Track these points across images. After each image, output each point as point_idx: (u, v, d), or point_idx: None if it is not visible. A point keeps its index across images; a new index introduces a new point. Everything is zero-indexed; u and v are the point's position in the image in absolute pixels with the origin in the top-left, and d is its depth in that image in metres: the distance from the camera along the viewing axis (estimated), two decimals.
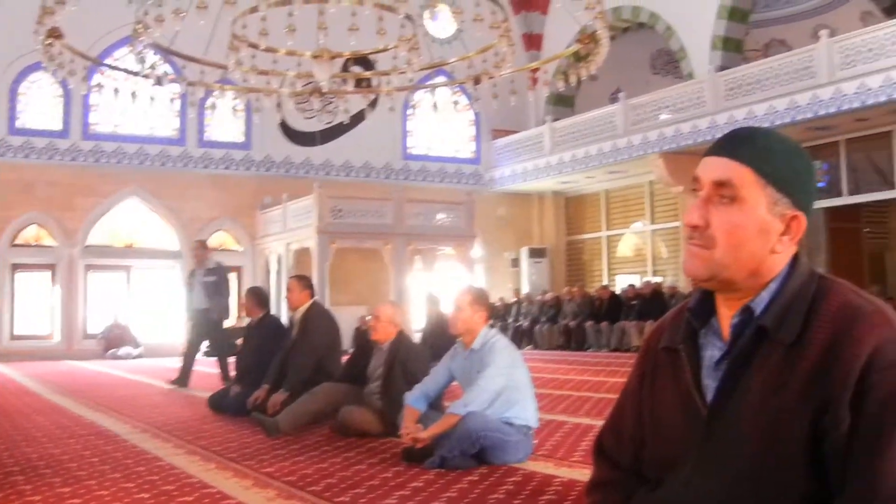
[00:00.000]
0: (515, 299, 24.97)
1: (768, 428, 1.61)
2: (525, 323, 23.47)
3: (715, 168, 1.72)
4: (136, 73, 13.68)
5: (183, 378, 12.44)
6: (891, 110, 17.46)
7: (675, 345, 1.82)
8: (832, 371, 1.58)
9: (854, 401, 1.55)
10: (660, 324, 1.95)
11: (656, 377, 1.88)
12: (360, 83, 16.61)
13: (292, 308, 8.82)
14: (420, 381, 6.66)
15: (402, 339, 7.49)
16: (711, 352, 1.78)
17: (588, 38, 13.26)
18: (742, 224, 1.69)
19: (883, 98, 16.73)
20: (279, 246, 23.57)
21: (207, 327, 12.79)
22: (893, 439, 1.51)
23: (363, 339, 7.75)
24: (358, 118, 19.24)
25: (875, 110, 17.40)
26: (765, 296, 1.71)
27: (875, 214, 24.82)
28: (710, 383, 1.74)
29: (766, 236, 1.70)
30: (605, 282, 25.52)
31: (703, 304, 1.82)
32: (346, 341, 8.44)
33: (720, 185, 1.70)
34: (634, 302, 20.93)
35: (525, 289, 26.21)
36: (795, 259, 1.75)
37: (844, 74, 17.46)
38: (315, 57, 12.53)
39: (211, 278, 12.78)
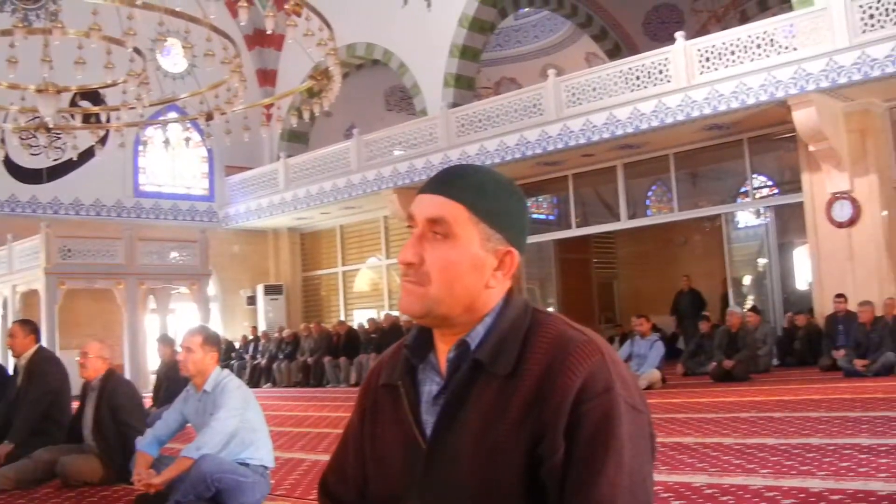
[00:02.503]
0: (252, 337, 24.68)
1: (487, 459, 1.63)
2: (263, 361, 23.21)
3: (429, 205, 1.73)
4: None
5: None
6: (614, 146, 18.24)
7: (394, 381, 1.82)
8: (547, 400, 1.61)
9: (568, 429, 1.59)
10: (379, 361, 1.95)
11: (377, 414, 1.87)
12: (89, 118, 16.15)
13: (16, 355, 8.41)
14: (125, 418, 6.53)
15: (111, 374, 7.31)
16: (430, 387, 1.78)
17: (321, 74, 13.29)
18: (456, 260, 1.70)
19: (607, 135, 17.43)
20: (5, 289, 22.49)
21: None
22: (606, 465, 1.55)
23: (83, 390, 7.49)
24: (87, 155, 18.61)
25: (600, 146, 18.12)
26: (480, 330, 1.74)
27: (603, 245, 25.96)
28: (429, 418, 1.75)
29: (479, 272, 1.72)
30: (342, 317, 25.61)
31: (421, 341, 1.83)
32: (77, 387, 8.14)
33: (434, 221, 1.71)
34: (374, 335, 21.02)
35: (262, 326, 25.91)
36: (510, 293, 1.78)
37: (571, 112, 18.10)
38: (39, 91, 12.07)
39: None
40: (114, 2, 10.23)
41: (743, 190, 19.85)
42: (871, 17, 14.27)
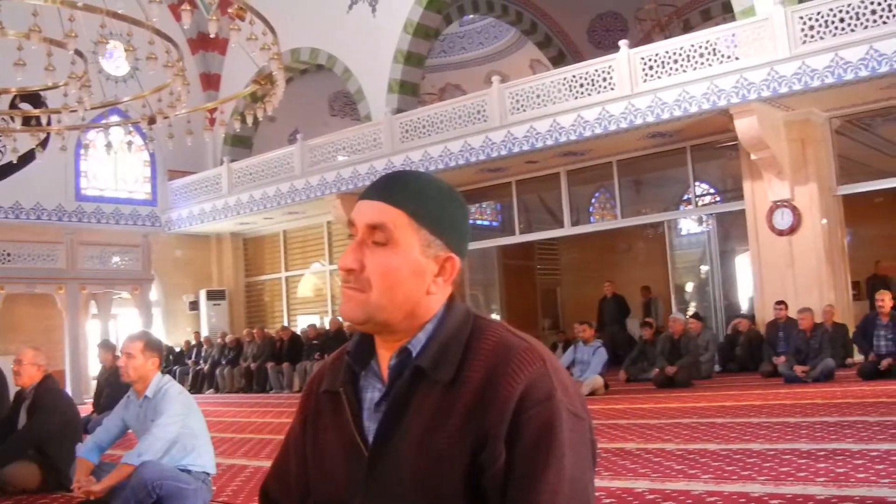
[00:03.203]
0: (195, 342, 24.51)
1: (429, 466, 1.63)
2: (206, 366, 23.05)
3: (369, 212, 1.73)
4: None
5: None
6: (558, 153, 18.31)
7: (336, 388, 1.82)
8: (488, 408, 1.61)
9: (509, 436, 1.59)
10: (321, 367, 1.94)
11: (318, 421, 1.87)
12: (29, 121, 15.94)
13: None
14: (47, 426, 6.54)
15: (45, 382, 7.23)
16: (372, 394, 1.78)
17: (265, 79, 13.25)
18: (396, 266, 1.70)
19: (550, 141, 17.49)
20: None
21: None
22: (547, 473, 1.56)
23: (18, 397, 7.40)
24: (27, 158, 18.34)
25: (544, 153, 18.18)
26: (421, 336, 1.74)
27: (546, 252, 26.02)
28: (371, 425, 1.74)
29: (420, 278, 1.72)
30: (285, 323, 25.50)
31: (362, 347, 1.82)
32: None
33: (374, 228, 1.71)
34: (316, 341, 20.94)
35: (205, 332, 25.74)
36: (451, 300, 1.78)
37: (515, 119, 18.15)
38: None
39: None
40: (55, 3, 10.13)
41: (686, 197, 19.99)
42: (811, 28, 14.46)
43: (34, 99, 19.10)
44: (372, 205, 1.73)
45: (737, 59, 15.29)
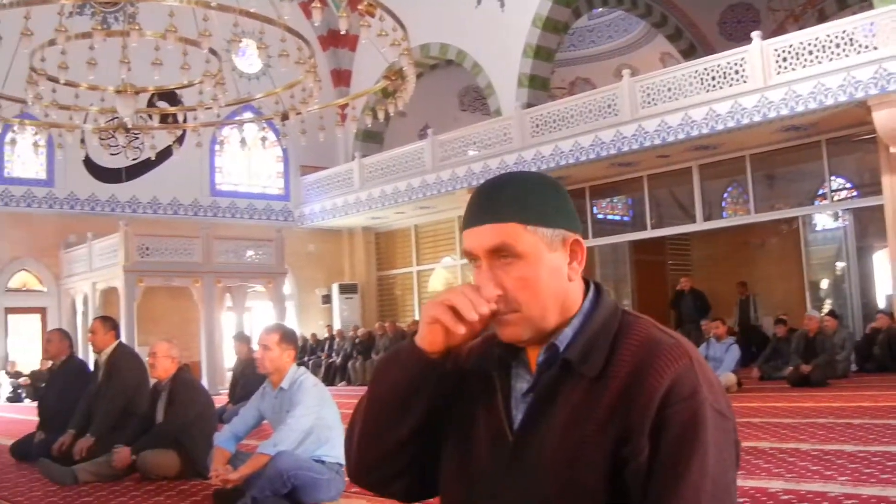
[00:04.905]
0: (328, 335, 24.81)
1: (570, 457, 1.63)
2: (338, 359, 23.32)
3: (484, 237, 1.72)
4: None
5: None
6: (690, 147, 18.08)
7: (489, 371, 1.82)
8: (633, 402, 1.61)
9: (653, 431, 1.58)
10: (469, 347, 1.89)
11: (464, 398, 1.85)
12: (166, 118, 16.33)
13: (97, 350, 8.55)
14: (183, 418, 6.67)
15: (180, 374, 7.39)
16: (520, 384, 1.79)
17: (395, 74, 13.34)
18: (534, 275, 1.70)
19: (682, 136, 17.29)
20: (85, 286, 22.83)
21: None
22: (690, 467, 1.55)
23: (155, 389, 7.59)
24: (164, 154, 18.78)
25: (675, 147, 17.97)
26: (568, 332, 1.73)
27: (678, 247, 25.63)
28: (517, 414, 1.75)
29: (558, 273, 1.72)
30: (416, 316, 25.61)
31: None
32: None
33: (496, 250, 1.71)
34: None
35: (337, 325, 26.03)
36: (599, 295, 1.79)
37: (646, 113, 17.99)
38: (118, 92, 12.25)
39: None
40: (190, 4, 10.35)
41: (821, 192, 19.57)
42: None
43: (171, 97, 19.60)
44: (482, 230, 1.72)
45: (875, 48, 14.90)
